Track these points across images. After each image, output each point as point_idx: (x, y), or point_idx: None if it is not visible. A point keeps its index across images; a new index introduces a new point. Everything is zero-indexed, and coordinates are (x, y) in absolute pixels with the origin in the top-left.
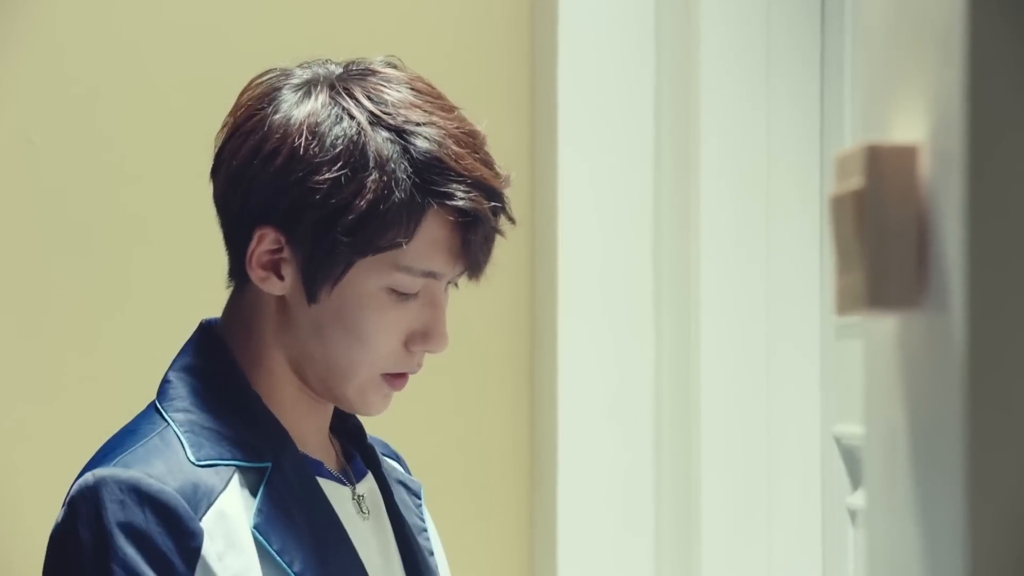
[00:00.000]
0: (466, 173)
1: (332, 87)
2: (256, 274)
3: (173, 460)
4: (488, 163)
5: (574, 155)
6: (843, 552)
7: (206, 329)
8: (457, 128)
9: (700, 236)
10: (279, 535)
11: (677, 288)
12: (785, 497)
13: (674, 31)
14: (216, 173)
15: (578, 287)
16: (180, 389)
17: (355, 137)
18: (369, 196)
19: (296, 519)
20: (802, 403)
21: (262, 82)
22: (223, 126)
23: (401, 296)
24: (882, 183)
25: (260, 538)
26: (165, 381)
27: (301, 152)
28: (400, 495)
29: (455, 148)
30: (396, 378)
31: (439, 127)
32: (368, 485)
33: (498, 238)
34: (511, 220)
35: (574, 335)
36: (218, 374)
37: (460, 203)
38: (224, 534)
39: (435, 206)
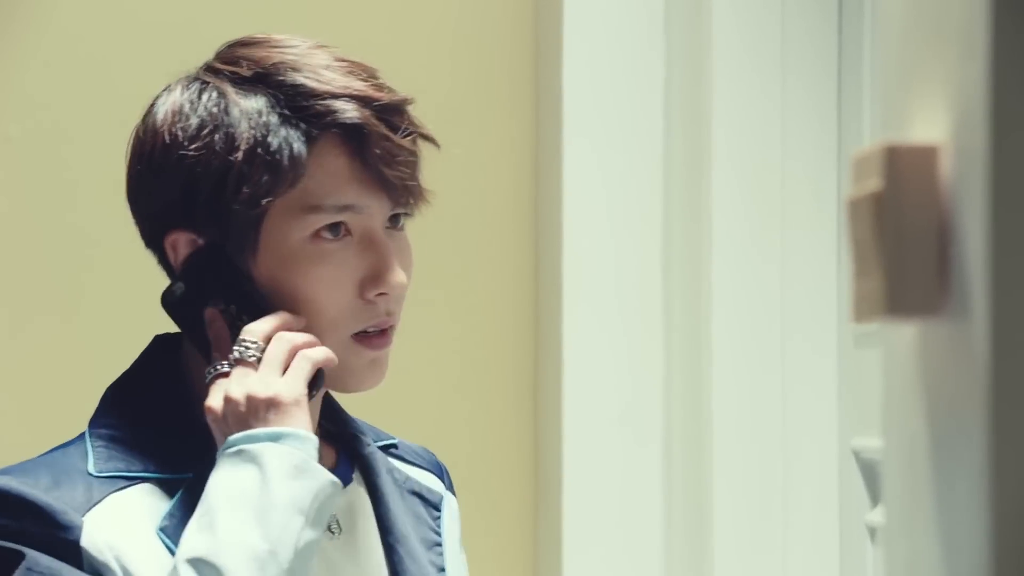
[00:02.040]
0: (340, 90)
1: (191, 73)
2: None
3: (63, 472)
4: (368, 81)
5: (580, 154)
6: (862, 571)
7: (158, 343)
8: (328, 59)
9: (712, 239)
10: None
11: (687, 294)
12: (801, 513)
13: (685, 24)
14: (134, 215)
15: (584, 291)
16: (111, 404)
17: (218, 100)
18: (243, 147)
19: None
20: (819, 415)
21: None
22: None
23: (330, 243)
24: (901, 184)
25: (166, 540)
26: (102, 397)
27: (171, 136)
28: (413, 507)
29: (326, 73)
30: (371, 338)
31: (307, 62)
32: (347, 499)
33: (428, 176)
34: (427, 138)
35: (580, 341)
36: (156, 387)
37: (340, 118)
38: (115, 524)
39: (318, 133)
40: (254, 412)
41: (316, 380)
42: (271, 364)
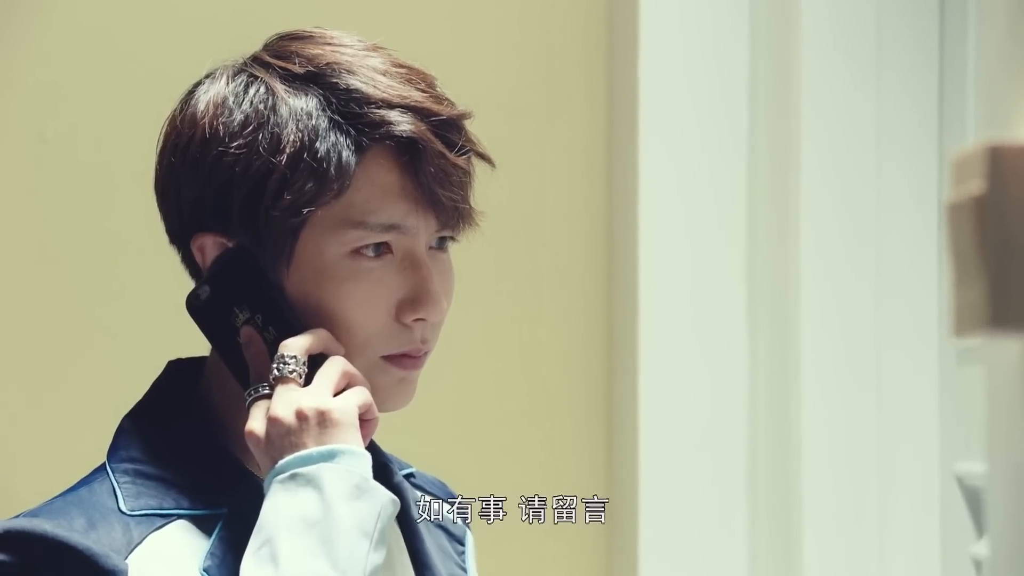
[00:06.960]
0: (396, 99)
1: (238, 64)
2: None
3: (95, 511)
4: (426, 92)
5: (657, 153)
6: None
7: (172, 370)
8: (385, 63)
9: (800, 248)
10: None
11: (774, 308)
12: (900, 545)
13: (771, 13)
14: (161, 208)
15: (662, 306)
16: (131, 436)
17: (265, 96)
18: (288, 150)
19: None
20: (918, 438)
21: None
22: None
23: (370, 261)
24: (1005, 187)
25: None
26: (118, 429)
27: (212, 129)
28: (438, 540)
29: (382, 79)
30: (402, 358)
31: (363, 64)
32: None
33: (478, 191)
34: (483, 157)
35: (657, 359)
36: (178, 417)
37: (395, 130)
38: (157, 566)
39: (369, 144)
40: (304, 427)
41: None
42: (324, 383)
